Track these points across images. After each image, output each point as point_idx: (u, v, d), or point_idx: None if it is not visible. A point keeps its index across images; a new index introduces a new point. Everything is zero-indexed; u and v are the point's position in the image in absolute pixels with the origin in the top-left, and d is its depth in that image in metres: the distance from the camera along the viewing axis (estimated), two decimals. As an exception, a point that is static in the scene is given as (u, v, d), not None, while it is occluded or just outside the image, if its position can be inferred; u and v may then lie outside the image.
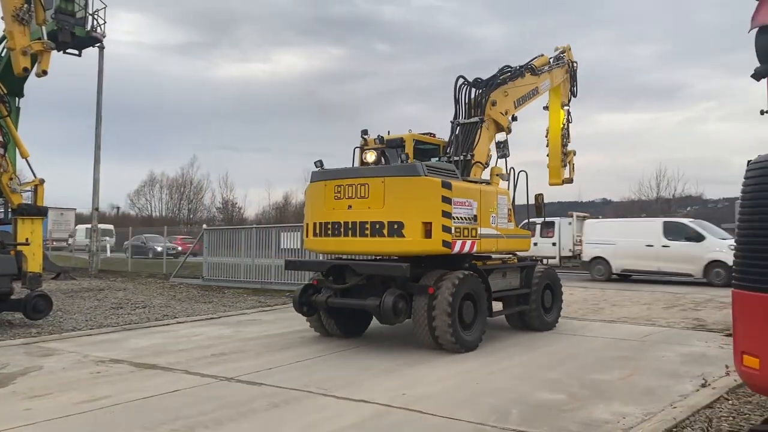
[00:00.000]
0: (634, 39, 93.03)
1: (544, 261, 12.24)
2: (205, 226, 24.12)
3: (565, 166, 13.96)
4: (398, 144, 10.72)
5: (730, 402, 6.43)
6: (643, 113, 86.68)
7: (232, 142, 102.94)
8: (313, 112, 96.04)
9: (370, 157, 10.17)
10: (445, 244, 9.04)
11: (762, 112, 4.35)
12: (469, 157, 10.73)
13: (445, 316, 8.82)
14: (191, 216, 67.68)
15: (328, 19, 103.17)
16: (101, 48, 25.25)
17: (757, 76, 4.62)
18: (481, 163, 10.85)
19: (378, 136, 10.76)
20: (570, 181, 14.16)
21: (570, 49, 13.85)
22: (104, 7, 22.60)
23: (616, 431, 5.62)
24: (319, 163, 10.21)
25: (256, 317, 13.36)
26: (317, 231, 9.89)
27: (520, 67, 11.92)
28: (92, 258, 26.15)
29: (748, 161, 4.01)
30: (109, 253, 31.78)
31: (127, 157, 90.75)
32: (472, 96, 11.23)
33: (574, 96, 14.18)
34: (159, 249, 21.09)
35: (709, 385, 7.11)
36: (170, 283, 21.24)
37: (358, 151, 10.82)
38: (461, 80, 11.27)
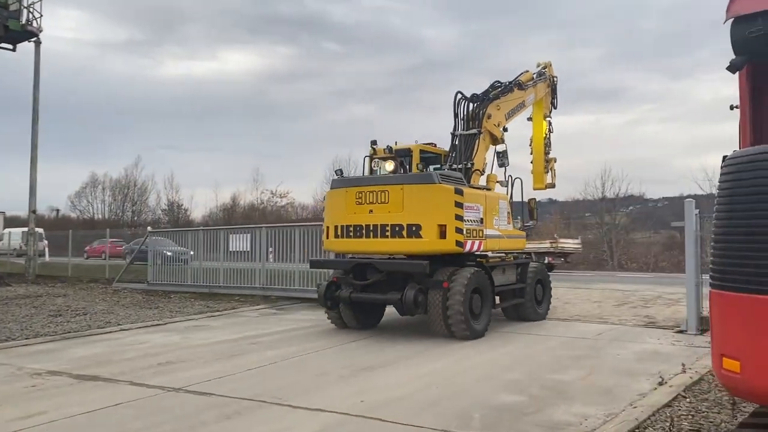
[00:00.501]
0: (578, 43, 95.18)
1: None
2: (149, 228, 23.30)
3: (547, 172, 14.88)
4: (406, 153, 11.85)
5: (688, 400, 6.44)
6: (588, 115, 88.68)
7: (177, 142, 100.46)
8: (261, 111, 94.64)
9: (389, 166, 11.25)
10: (458, 243, 10.18)
11: (732, 107, 4.31)
12: (469, 165, 11.77)
13: (459, 306, 9.91)
14: (135, 218, 65.67)
15: (276, 18, 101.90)
16: (37, 43, 24.12)
17: (732, 68, 4.56)
18: (479, 170, 11.94)
19: (387, 146, 11.81)
20: (552, 185, 15.05)
21: (551, 65, 14.91)
22: (40, 0, 21.57)
23: (580, 434, 5.53)
24: (339, 172, 11.67)
25: (204, 323, 12.89)
26: (339, 233, 10.96)
27: (509, 83, 13.03)
28: (29, 263, 24.95)
29: (724, 157, 3.92)
30: (47, 257, 30.44)
31: (68, 158, 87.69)
32: (470, 110, 12.23)
33: (555, 108, 15.16)
34: (169, 254, 19.38)
35: (666, 383, 7.13)
36: (113, 289, 20.43)
37: (368, 160, 12.02)
38: (459, 95, 12.23)
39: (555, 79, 15.02)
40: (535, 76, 14.04)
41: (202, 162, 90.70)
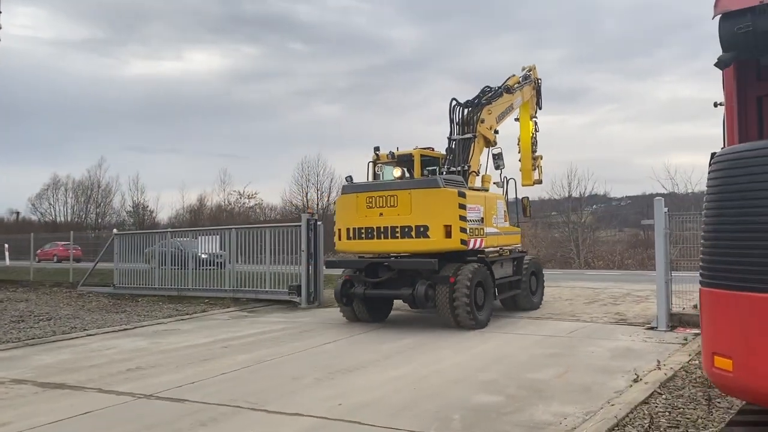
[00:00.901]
0: (540, 44, 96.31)
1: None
2: (115, 230, 22.78)
3: (534, 169, 15.62)
4: (408, 158, 12.50)
5: (664, 396, 6.48)
6: (551, 115, 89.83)
7: (142, 142, 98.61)
8: (227, 111, 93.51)
9: (396, 172, 12.00)
10: (463, 242, 11.07)
11: (716, 105, 4.32)
12: (466, 167, 12.60)
13: (464, 299, 10.81)
14: (100, 220, 64.29)
15: (241, 18, 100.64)
16: (-4, 41, 23.36)
17: (721, 64, 4.55)
18: (475, 172, 12.88)
19: (390, 152, 12.48)
20: (539, 181, 15.90)
21: (535, 68, 15.67)
22: (-2, -3, 20.89)
23: (560, 433, 5.52)
24: (350, 179, 12.34)
25: (174, 327, 12.62)
26: (350, 234, 11.82)
27: (498, 87, 13.83)
28: (-12, 267, 24.19)
29: (712, 154, 3.92)
30: (8, 262, 29.54)
31: (27, 159, 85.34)
32: (464, 115, 13.02)
33: (540, 108, 15.94)
34: (204, 257, 17.62)
35: (641, 380, 7.18)
36: (78, 293, 19.92)
37: (371, 165, 12.78)
38: (454, 102, 13.06)
39: (539, 81, 15.82)
40: (521, 79, 14.79)
41: (168, 163, 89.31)
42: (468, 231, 11.18)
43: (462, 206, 11.11)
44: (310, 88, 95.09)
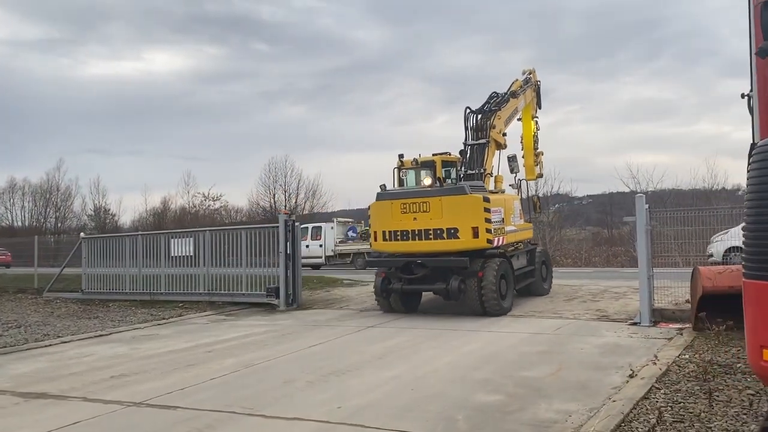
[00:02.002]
0: (503, 46, 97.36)
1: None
2: (82, 234, 22.10)
3: (536, 164, 16.93)
4: (430, 164, 13.79)
5: (662, 391, 6.50)
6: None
7: (103, 144, 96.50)
8: (190, 113, 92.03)
9: (427, 181, 13.40)
10: (488, 241, 12.47)
11: (743, 96, 4.31)
12: (481, 170, 14.11)
13: (492, 288, 12.26)
14: (59, 225, 62.58)
15: (203, 18, 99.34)
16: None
17: (763, 52, 4.50)
18: (490, 174, 14.40)
19: (413, 159, 13.82)
20: (540, 175, 17.71)
21: (535, 71, 16.85)
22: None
23: (567, 431, 5.49)
24: (384, 187, 13.60)
25: (151, 332, 12.28)
26: (386, 236, 13.19)
27: (505, 93, 15.20)
28: (-53, 274, 23.25)
29: (752, 144, 3.88)
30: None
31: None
32: (477, 121, 14.49)
33: (540, 108, 17.31)
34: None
35: (637, 375, 7.21)
36: (44, 299, 19.29)
37: (396, 171, 13.97)
38: (468, 110, 14.60)
39: (538, 83, 17.10)
40: (522, 83, 16.00)
41: (130, 165, 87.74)
42: (492, 231, 12.50)
43: (486, 210, 12.44)
44: (275, 90, 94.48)
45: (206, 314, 14.63)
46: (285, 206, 52.18)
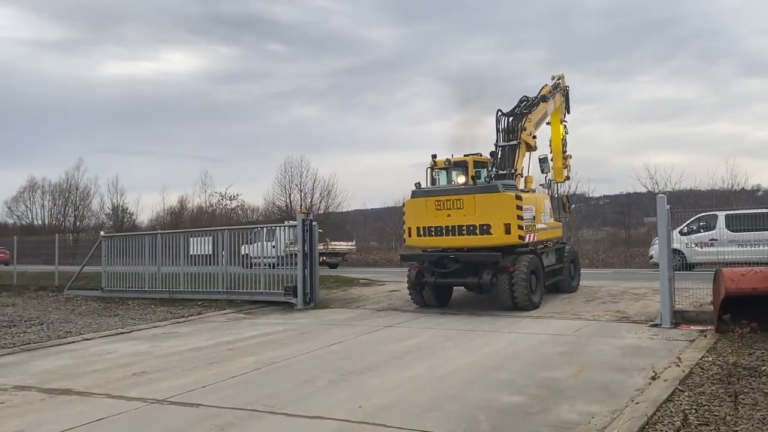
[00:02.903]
0: (518, 45, 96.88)
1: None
2: (102, 232, 22.35)
3: (565, 167, 17.52)
4: (463, 164, 14.27)
5: (686, 394, 6.44)
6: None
7: (120, 144, 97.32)
8: (206, 113, 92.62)
9: (461, 179, 14.06)
10: (520, 237, 12.95)
11: None
12: (512, 171, 14.50)
13: (523, 283, 12.70)
14: (78, 223, 63.26)
15: (218, 18, 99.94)
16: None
17: None
18: (520, 175, 14.86)
19: (446, 159, 14.19)
20: (568, 178, 18.35)
21: (564, 76, 17.42)
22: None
23: (591, 432, 5.46)
24: (419, 185, 14.07)
25: (171, 330, 12.38)
26: (420, 232, 13.70)
27: (535, 97, 15.69)
28: (-30, 272, 23.61)
29: None
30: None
31: (3, 162, 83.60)
32: (509, 123, 14.90)
33: (569, 113, 17.81)
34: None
35: (659, 377, 7.14)
36: (65, 296, 19.51)
37: (429, 171, 14.37)
38: (500, 112, 14.99)
39: (567, 88, 17.64)
40: (552, 87, 16.56)
41: (147, 165, 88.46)
42: (524, 228, 12.99)
43: (519, 207, 12.89)
44: (289, 90, 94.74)
45: (225, 312, 14.72)
46: (301, 206, 52.34)
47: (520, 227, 12.89)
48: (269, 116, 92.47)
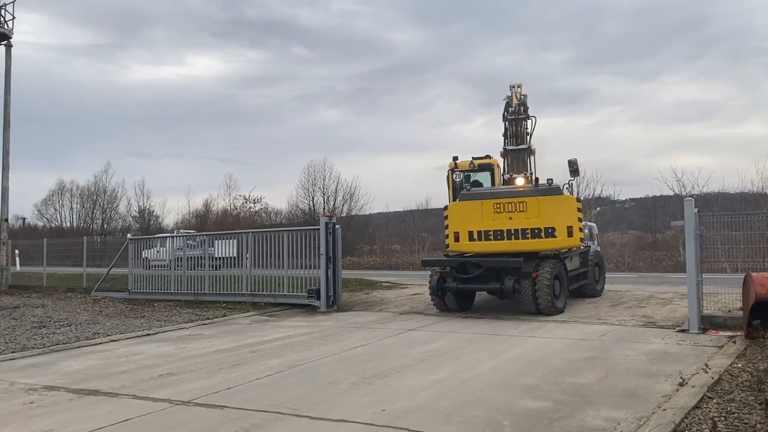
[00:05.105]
0: (544, 46, 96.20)
1: None
2: (129, 235, 22.67)
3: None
4: (488, 167, 14.68)
5: (715, 401, 6.34)
6: (555, 117, 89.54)
7: (146, 148, 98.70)
8: (231, 116, 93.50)
9: (520, 181, 14.16)
10: (581, 240, 13.20)
11: None
12: (526, 174, 14.60)
13: (546, 289, 12.54)
14: (105, 226, 64.22)
15: (243, 22, 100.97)
16: (8, 46, 23.39)
17: None
18: (537, 178, 14.50)
19: (471, 161, 14.61)
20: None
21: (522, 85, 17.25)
22: (13, 1, 20.90)
23: (617, 439, 5.39)
24: (469, 186, 14.12)
25: (196, 332, 12.50)
26: (474, 236, 13.32)
27: (519, 103, 15.32)
28: (1, 273, 24.12)
29: None
30: (18, 268, 29.46)
31: (31, 165, 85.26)
32: (513, 127, 14.86)
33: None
34: None
35: (687, 383, 7.04)
36: (93, 298, 19.83)
37: (450, 173, 14.57)
38: (504, 116, 15.10)
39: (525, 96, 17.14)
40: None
41: (173, 168, 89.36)
42: (582, 231, 13.09)
43: (579, 210, 13.09)
44: (313, 93, 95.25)
45: (249, 315, 14.83)
46: (325, 208, 52.50)
47: (581, 229, 12.94)
48: (293, 119, 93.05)
